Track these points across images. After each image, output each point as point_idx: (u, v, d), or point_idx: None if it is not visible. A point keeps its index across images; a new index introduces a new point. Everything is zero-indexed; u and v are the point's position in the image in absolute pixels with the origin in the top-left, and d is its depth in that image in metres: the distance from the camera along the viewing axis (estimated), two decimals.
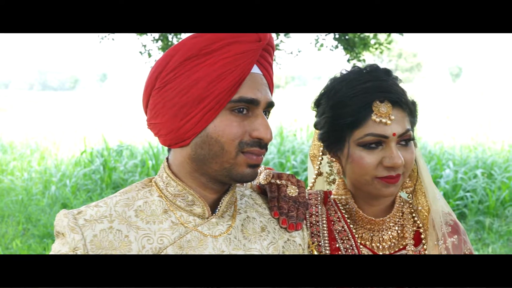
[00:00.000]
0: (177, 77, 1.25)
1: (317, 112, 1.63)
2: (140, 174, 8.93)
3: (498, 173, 8.62)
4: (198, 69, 1.24)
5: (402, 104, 1.49)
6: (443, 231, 1.60)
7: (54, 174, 9.28)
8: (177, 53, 1.26)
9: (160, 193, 1.35)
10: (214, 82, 1.23)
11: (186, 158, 1.31)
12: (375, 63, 1.59)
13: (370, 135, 1.48)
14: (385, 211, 1.62)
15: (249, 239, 1.38)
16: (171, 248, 1.27)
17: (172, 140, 1.30)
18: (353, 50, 7.53)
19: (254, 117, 1.29)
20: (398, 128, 1.47)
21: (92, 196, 7.85)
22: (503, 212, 7.41)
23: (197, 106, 1.24)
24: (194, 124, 1.25)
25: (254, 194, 1.51)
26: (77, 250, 1.21)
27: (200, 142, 1.27)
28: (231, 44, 1.25)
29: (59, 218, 1.26)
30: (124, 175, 8.89)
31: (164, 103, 1.27)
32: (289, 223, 1.43)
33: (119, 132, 14.79)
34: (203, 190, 1.34)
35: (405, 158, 1.48)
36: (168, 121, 1.27)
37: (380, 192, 1.52)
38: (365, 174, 1.51)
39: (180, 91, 1.25)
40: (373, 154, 1.49)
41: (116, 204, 1.31)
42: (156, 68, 1.29)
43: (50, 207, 7.55)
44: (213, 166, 1.28)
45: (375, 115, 1.47)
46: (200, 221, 1.33)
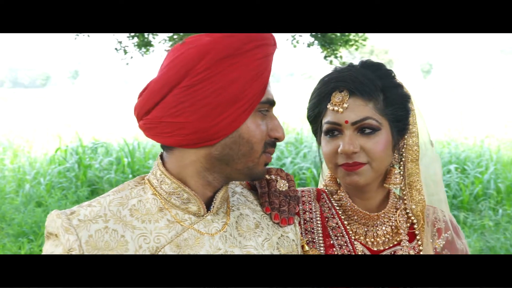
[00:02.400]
0: (211, 76, 1.22)
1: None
2: (116, 171, 8.83)
3: (471, 168, 8.75)
4: (234, 69, 1.23)
5: (362, 92, 1.51)
6: (437, 227, 1.62)
7: (28, 172, 9.12)
8: (210, 51, 1.22)
9: (154, 191, 1.33)
10: (249, 83, 1.24)
11: (201, 158, 1.29)
12: (369, 59, 1.62)
13: (327, 123, 1.55)
14: (379, 206, 1.63)
15: (244, 236, 1.37)
16: (169, 247, 1.25)
17: (195, 140, 1.26)
18: (330, 46, 7.57)
19: (269, 117, 1.33)
20: (352, 115, 1.50)
21: (67, 194, 7.73)
22: (476, 207, 7.51)
23: (232, 106, 1.23)
24: (227, 125, 1.24)
25: (245, 191, 1.51)
26: (72, 251, 1.18)
27: (230, 142, 1.26)
28: (261, 46, 1.26)
29: (51, 219, 1.22)
30: (100, 173, 8.78)
31: (194, 102, 1.22)
32: (281, 218, 1.44)
33: (92, 129, 14.63)
34: (203, 188, 1.32)
35: (365, 147, 1.50)
36: (196, 120, 1.23)
37: (344, 180, 1.57)
38: (328, 162, 1.59)
39: (214, 91, 1.22)
40: (333, 142, 1.55)
41: (110, 203, 1.28)
42: (183, 65, 1.23)
43: (24, 205, 7.42)
44: (237, 165, 1.29)
45: (331, 104, 1.54)
46: (195, 219, 1.32)
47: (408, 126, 1.61)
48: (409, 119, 1.61)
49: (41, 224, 6.30)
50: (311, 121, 1.64)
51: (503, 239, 6.00)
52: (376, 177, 1.57)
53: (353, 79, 1.52)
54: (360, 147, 1.50)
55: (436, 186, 1.71)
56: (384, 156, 1.53)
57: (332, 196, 1.69)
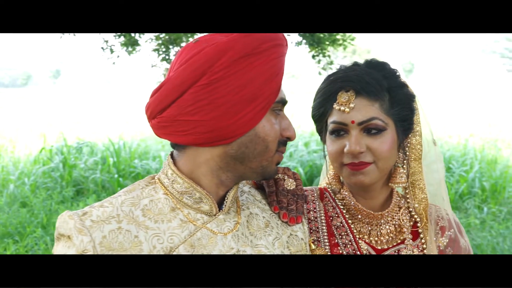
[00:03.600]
0: (230, 75, 1.21)
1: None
2: (101, 171, 8.78)
3: (456, 167, 8.85)
4: (251, 68, 1.23)
5: (368, 93, 1.51)
6: (440, 225, 1.64)
7: (11, 172, 9.03)
8: (229, 50, 1.22)
9: (165, 191, 1.32)
10: (266, 82, 1.24)
11: (215, 156, 1.28)
12: (374, 58, 1.62)
13: (333, 123, 1.56)
14: (382, 205, 1.64)
15: (255, 235, 1.38)
16: (183, 247, 1.25)
17: (211, 139, 1.25)
18: (318, 46, 7.58)
19: (281, 117, 1.33)
20: (358, 116, 1.51)
21: (52, 194, 7.67)
22: (462, 205, 7.58)
23: (249, 105, 1.23)
24: (245, 123, 1.24)
25: (252, 190, 1.51)
26: (86, 252, 1.16)
27: (246, 141, 1.27)
28: (276, 46, 1.27)
29: (63, 220, 1.21)
30: (85, 173, 8.72)
31: (212, 100, 1.21)
32: (290, 217, 1.44)
33: (76, 129, 14.53)
34: (216, 187, 1.32)
35: (371, 147, 1.51)
36: (214, 118, 1.22)
37: (349, 179, 1.57)
38: (334, 161, 1.59)
39: (233, 89, 1.21)
40: (338, 141, 1.55)
41: (122, 203, 1.27)
42: (202, 64, 1.22)
43: (8, 206, 7.33)
44: (251, 164, 1.29)
45: (337, 104, 1.54)
46: (208, 218, 1.31)
47: (413, 126, 1.62)
48: (414, 119, 1.62)
49: (26, 225, 6.24)
50: (316, 120, 1.64)
51: (489, 237, 6.06)
52: (381, 177, 1.57)
53: (359, 79, 1.52)
54: (366, 147, 1.51)
55: (438, 185, 1.72)
56: (389, 156, 1.54)
57: (335, 195, 1.70)
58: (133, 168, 9.00)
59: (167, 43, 7.05)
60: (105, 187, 8.36)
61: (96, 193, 7.96)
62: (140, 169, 8.93)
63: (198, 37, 1.30)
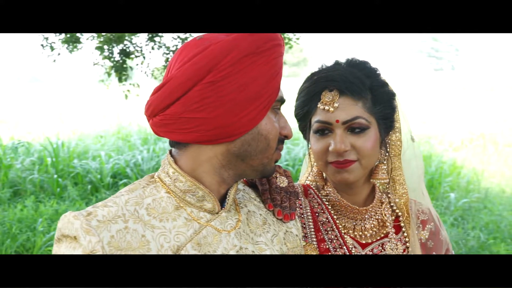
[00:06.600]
0: (236, 73, 1.22)
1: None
2: (39, 171, 8.53)
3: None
4: (255, 66, 1.25)
5: (352, 92, 1.55)
6: (421, 218, 1.71)
7: None
8: (235, 48, 1.23)
9: (167, 189, 1.31)
10: (268, 80, 1.27)
11: (218, 154, 1.29)
12: (354, 57, 1.67)
13: (317, 122, 1.59)
14: (365, 201, 1.69)
15: (254, 232, 1.40)
16: (190, 245, 1.25)
17: (215, 136, 1.26)
18: None
19: (279, 115, 1.36)
20: (342, 115, 1.55)
21: None
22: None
23: (253, 103, 1.25)
24: (249, 121, 1.25)
25: (246, 188, 1.52)
26: (95, 252, 1.14)
27: (249, 138, 1.28)
28: (276, 46, 1.29)
29: (67, 221, 1.18)
30: (22, 173, 8.45)
31: (217, 97, 1.22)
32: (284, 214, 1.47)
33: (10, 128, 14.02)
34: (218, 185, 1.33)
35: (355, 145, 1.55)
36: (218, 116, 1.23)
37: (334, 177, 1.61)
38: (318, 159, 1.62)
39: (238, 87, 1.23)
40: (323, 140, 1.59)
41: (127, 203, 1.25)
42: (208, 61, 1.22)
43: None
44: (253, 162, 1.31)
45: (321, 103, 1.58)
46: (210, 216, 1.32)
47: (394, 123, 1.67)
48: (394, 116, 1.67)
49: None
50: (299, 119, 1.68)
51: None
52: (364, 174, 1.62)
53: (343, 79, 1.56)
54: (350, 145, 1.55)
55: (418, 180, 1.79)
56: (373, 154, 1.59)
57: (319, 192, 1.74)
58: (72, 168, 8.78)
59: (110, 41, 6.92)
60: (44, 187, 8.13)
61: (35, 194, 7.74)
62: (79, 169, 8.72)
63: (202, 35, 1.31)
